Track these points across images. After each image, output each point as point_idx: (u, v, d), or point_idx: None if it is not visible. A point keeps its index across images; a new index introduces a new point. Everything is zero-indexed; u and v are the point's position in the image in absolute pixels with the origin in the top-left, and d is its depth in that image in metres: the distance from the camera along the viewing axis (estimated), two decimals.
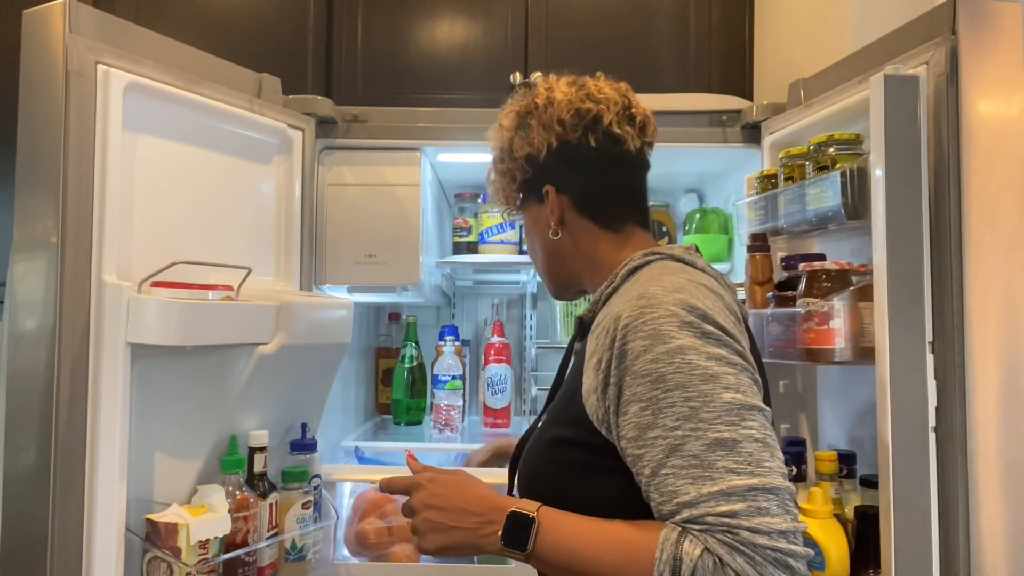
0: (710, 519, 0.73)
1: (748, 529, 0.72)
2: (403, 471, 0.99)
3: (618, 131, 1.00)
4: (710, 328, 0.81)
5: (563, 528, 0.81)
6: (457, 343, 1.92)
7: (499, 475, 1.52)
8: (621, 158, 1.02)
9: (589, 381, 0.87)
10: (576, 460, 0.87)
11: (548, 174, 1.02)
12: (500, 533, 0.82)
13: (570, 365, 1.03)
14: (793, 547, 0.72)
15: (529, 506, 0.83)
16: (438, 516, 0.86)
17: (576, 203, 1.02)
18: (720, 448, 0.75)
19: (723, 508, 0.72)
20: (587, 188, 1.02)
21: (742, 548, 0.71)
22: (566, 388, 0.96)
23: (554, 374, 1.12)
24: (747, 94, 2.19)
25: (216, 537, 1.17)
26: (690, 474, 0.75)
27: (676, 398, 0.77)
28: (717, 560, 0.71)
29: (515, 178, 1.06)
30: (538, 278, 2.10)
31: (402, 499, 0.94)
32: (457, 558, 1.62)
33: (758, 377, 0.84)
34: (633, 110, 1.03)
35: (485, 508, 0.85)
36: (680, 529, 0.74)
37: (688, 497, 0.74)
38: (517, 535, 0.81)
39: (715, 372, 0.78)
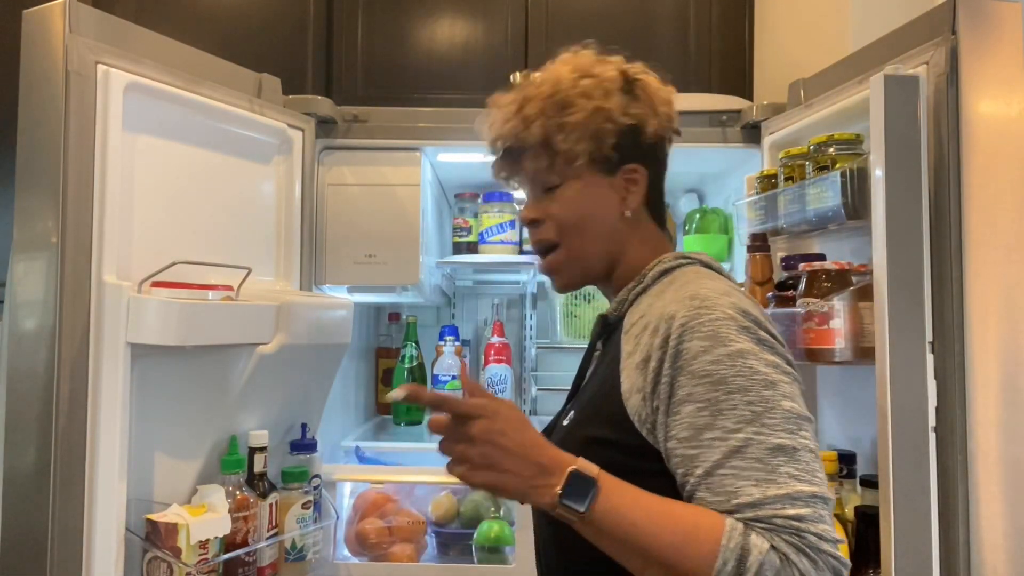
0: (778, 520, 0.74)
1: (814, 534, 0.74)
2: (403, 472, 0.98)
3: (672, 135, 1.02)
4: (765, 335, 0.82)
5: (624, 497, 0.77)
6: (457, 343, 1.92)
7: None
8: (666, 155, 1.03)
9: (631, 380, 0.85)
10: (611, 460, 0.82)
11: (638, 153, 0.97)
12: (559, 489, 0.76)
13: (594, 363, 1.00)
14: (842, 557, 0.76)
15: (590, 467, 0.78)
16: (496, 454, 0.78)
17: (647, 192, 0.99)
18: (781, 454, 0.76)
19: (791, 512, 0.74)
20: (657, 180, 1.01)
21: (807, 551, 0.73)
22: (599, 387, 0.93)
23: (553, 374, 1.12)
24: (747, 94, 2.19)
25: (216, 537, 1.17)
26: (753, 476, 0.75)
27: (738, 401, 0.77)
28: (784, 557, 0.73)
29: (602, 141, 0.95)
30: (538, 278, 2.12)
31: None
32: (457, 558, 1.62)
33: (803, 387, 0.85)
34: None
35: (546, 459, 0.78)
36: (745, 523, 0.75)
37: (751, 498, 0.75)
38: (577, 494, 0.76)
39: (774, 379, 0.79)
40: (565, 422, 0.95)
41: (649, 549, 0.75)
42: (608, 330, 0.98)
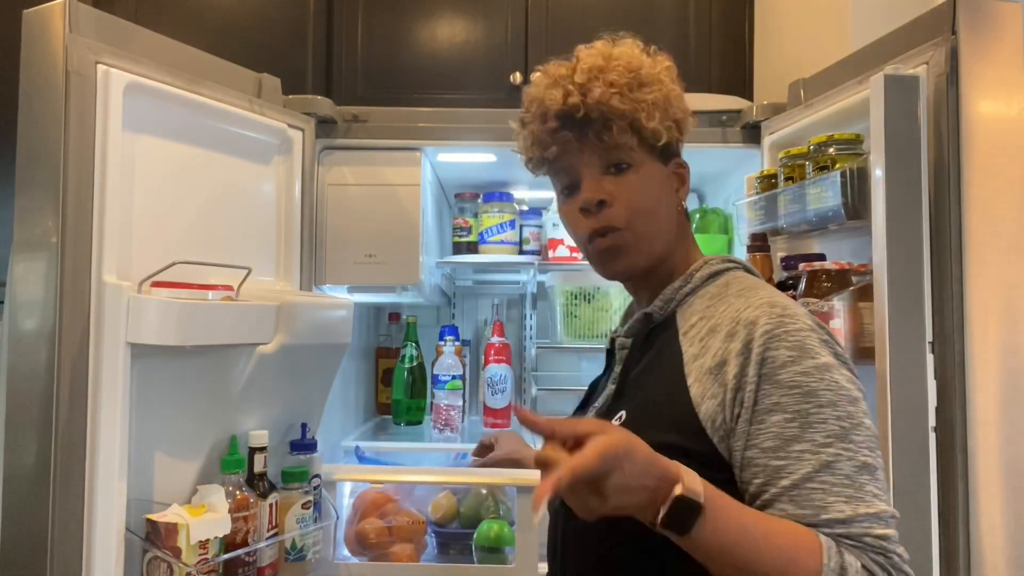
0: (868, 539, 0.74)
1: (898, 555, 0.74)
2: (403, 472, 0.97)
3: None
4: (840, 350, 0.82)
5: (728, 518, 0.73)
6: (457, 343, 1.92)
7: (504, 476, 1.52)
8: None
9: (703, 386, 0.82)
10: None
11: (678, 147, 0.98)
12: (662, 515, 0.71)
13: (642, 361, 0.93)
14: None
15: (695, 486, 0.72)
16: (617, 496, 0.70)
17: (684, 190, 0.99)
18: (866, 472, 0.76)
19: (879, 531, 0.74)
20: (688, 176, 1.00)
21: (892, 572, 0.74)
22: (659, 389, 0.87)
23: (553, 374, 1.10)
24: (747, 94, 2.19)
25: (216, 537, 1.17)
26: (843, 493, 0.74)
27: (828, 415, 0.76)
28: None
29: (671, 128, 0.94)
30: (538, 278, 2.12)
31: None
32: (457, 558, 1.62)
33: None
34: None
35: (653, 480, 0.71)
36: (835, 540, 0.74)
37: (843, 515, 0.74)
38: (681, 520, 0.71)
39: (856, 395, 0.79)
40: (615, 421, 0.88)
41: (751, 567, 0.72)
42: (653, 329, 0.93)
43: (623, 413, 0.89)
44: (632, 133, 0.90)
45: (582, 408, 1.07)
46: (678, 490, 0.71)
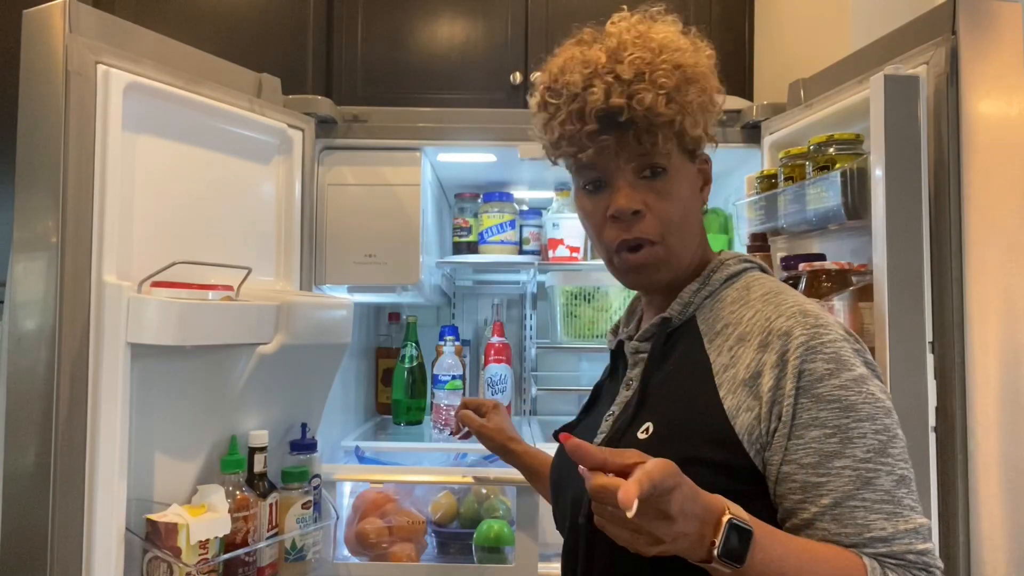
0: (911, 556, 0.74)
1: (937, 568, 0.75)
2: (403, 472, 0.97)
3: None
4: (869, 357, 0.81)
5: (776, 544, 0.72)
6: (457, 343, 1.92)
7: (501, 474, 1.52)
8: None
9: (737, 398, 0.79)
10: (715, 484, 0.75)
11: (704, 146, 0.92)
12: (717, 544, 0.68)
13: (665, 369, 0.88)
14: None
15: (739, 510, 0.71)
16: (664, 530, 0.67)
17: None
18: (903, 486, 0.75)
19: (920, 547, 0.74)
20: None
21: None
22: (689, 401, 0.83)
23: (554, 374, 1.08)
24: (747, 94, 2.19)
25: (216, 537, 1.17)
26: (883, 509, 0.74)
27: (867, 430, 0.75)
28: None
29: (700, 143, 0.90)
30: (538, 278, 2.12)
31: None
32: (457, 558, 1.62)
33: None
34: None
35: (700, 510, 0.69)
36: (878, 560, 0.74)
37: (884, 533, 0.74)
38: (736, 547, 0.68)
39: (889, 406, 0.78)
40: (640, 435, 0.84)
41: None
42: (671, 334, 0.90)
43: (649, 425, 0.85)
44: (675, 139, 0.86)
45: (587, 411, 1.04)
46: (726, 516, 0.69)
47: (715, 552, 0.68)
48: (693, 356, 0.86)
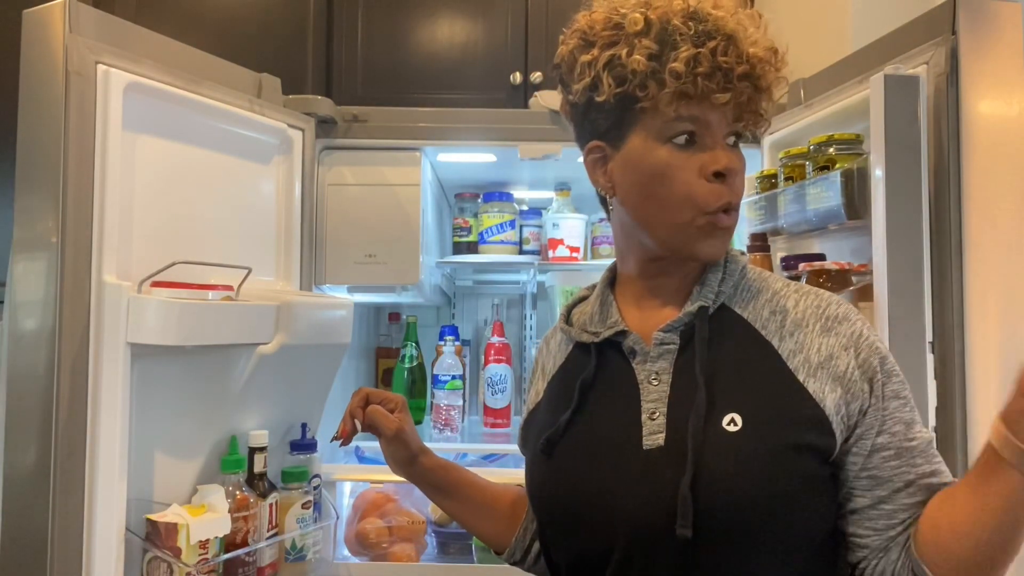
0: None
1: None
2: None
3: None
4: None
5: None
6: (457, 343, 1.92)
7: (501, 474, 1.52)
8: None
9: (819, 382, 0.80)
10: (813, 468, 0.79)
11: None
12: None
13: (721, 361, 0.83)
14: None
15: None
16: None
17: None
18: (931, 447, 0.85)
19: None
20: None
21: None
22: (767, 389, 0.81)
23: None
24: None
25: (216, 537, 1.17)
26: (940, 457, 0.85)
27: (908, 395, 0.84)
28: None
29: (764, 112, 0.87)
30: (538, 278, 2.12)
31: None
32: (457, 558, 1.62)
33: None
34: None
35: None
36: None
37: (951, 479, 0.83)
38: None
39: None
40: (730, 427, 0.79)
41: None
42: (706, 322, 0.85)
43: (734, 416, 0.79)
44: (769, 104, 0.85)
45: (578, 412, 0.88)
46: None
47: None
48: (755, 344, 0.84)
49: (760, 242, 1.49)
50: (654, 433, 0.82)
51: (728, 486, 0.77)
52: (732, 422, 0.79)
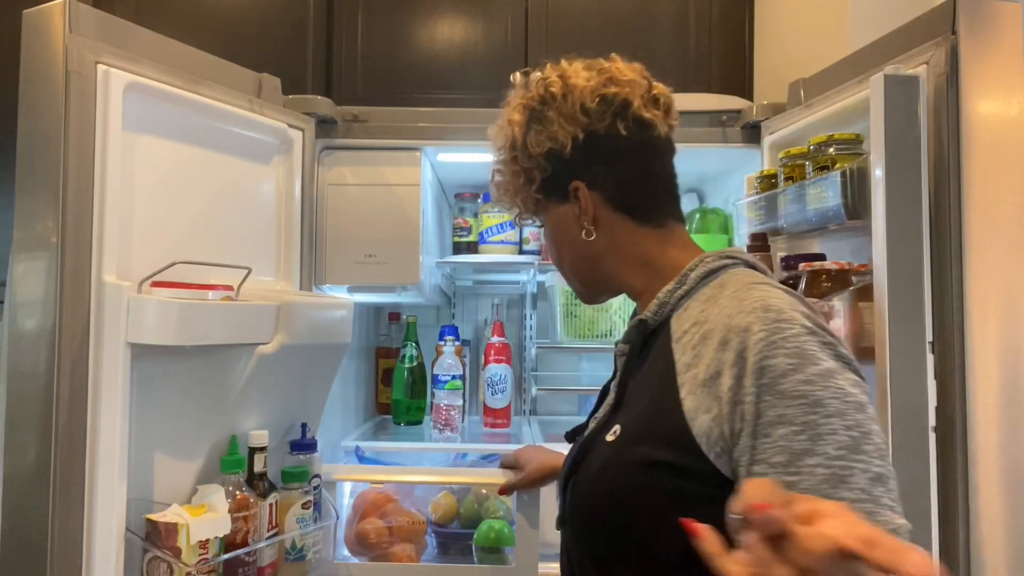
0: None
1: None
2: (403, 472, 0.96)
3: (647, 115, 0.92)
4: (843, 351, 0.77)
5: None
6: (457, 343, 1.92)
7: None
8: (652, 144, 0.94)
9: (696, 399, 0.77)
10: (669, 485, 0.76)
11: (575, 170, 0.93)
12: None
13: (639, 371, 0.89)
14: None
15: None
16: None
17: (611, 199, 0.93)
18: (880, 484, 0.70)
19: None
20: (622, 182, 0.93)
21: None
22: (651, 403, 0.83)
23: (554, 374, 1.08)
24: (747, 94, 2.19)
25: (216, 537, 1.17)
26: (861, 508, 0.69)
27: (837, 425, 0.71)
28: None
29: (533, 178, 0.95)
30: (538, 278, 2.11)
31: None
32: (457, 558, 1.62)
33: None
34: (655, 91, 0.95)
35: None
36: None
37: None
38: None
39: (862, 400, 0.73)
40: (609, 437, 0.85)
41: None
42: (649, 336, 0.89)
43: (618, 427, 0.85)
44: (503, 197, 1.04)
45: (593, 413, 1.01)
46: None
47: None
48: (661, 356, 0.85)
49: (760, 242, 1.49)
50: (586, 436, 0.93)
51: (586, 490, 0.85)
52: (614, 432, 0.84)
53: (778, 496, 0.53)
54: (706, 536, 0.58)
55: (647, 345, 0.89)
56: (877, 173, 1.08)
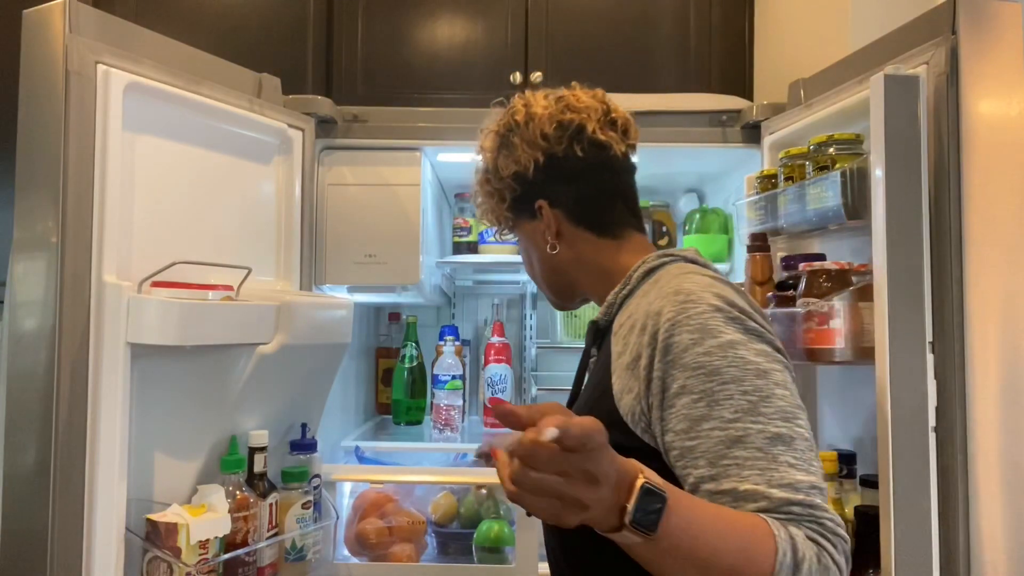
0: (796, 509, 0.73)
1: (830, 520, 0.74)
2: (403, 472, 0.97)
3: (602, 138, 1.01)
4: (753, 325, 0.82)
5: (689, 511, 0.69)
6: (457, 343, 1.92)
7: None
8: (609, 164, 1.02)
9: (621, 381, 0.86)
10: None
11: (538, 189, 1.03)
12: (629, 509, 0.64)
13: (589, 370, 1.00)
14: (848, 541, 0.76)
15: (653, 475, 0.68)
16: (584, 492, 0.63)
17: (571, 215, 1.02)
18: (780, 443, 0.75)
19: (799, 498, 0.73)
20: (580, 199, 1.02)
21: (829, 536, 0.73)
22: (590, 392, 0.94)
23: (553, 374, 1.12)
24: (747, 94, 2.19)
25: (216, 537, 1.17)
26: (756, 465, 0.74)
27: (733, 391, 0.77)
28: (818, 546, 0.73)
29: (504, 198, 1.06)
30: None
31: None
32: (457, 558, 1.62)
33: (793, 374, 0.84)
34: (613, 114, 1.03)
35: (618, 472, 0.65)
36: (774, 518, 0.72)
37: (758, 488, 0.73)
38: (650, 514, 0.65)
39: (766, 368, 0.79)
40: None
41: (714, 558, 0.69)
42: (600, 335, 0.99)
43: None
44: (485, 215, 1.15)
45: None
46: (640, 480, 0.66)
47: (626, 519, 0.65)
48: (604, 351, 0.94)
49: (760, 242, 1.49)
50: None
51: None
52: None
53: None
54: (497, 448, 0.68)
55: (601, 345, 0.98)
56: (877, 173, 1.08)
